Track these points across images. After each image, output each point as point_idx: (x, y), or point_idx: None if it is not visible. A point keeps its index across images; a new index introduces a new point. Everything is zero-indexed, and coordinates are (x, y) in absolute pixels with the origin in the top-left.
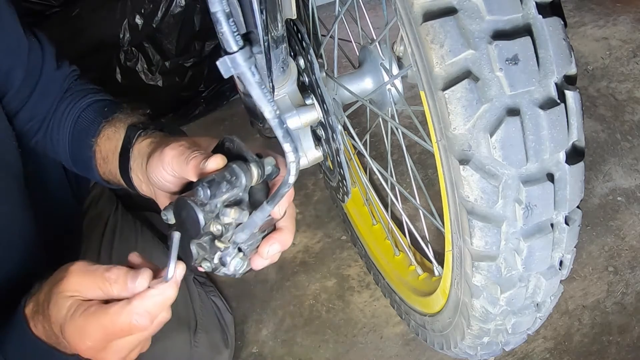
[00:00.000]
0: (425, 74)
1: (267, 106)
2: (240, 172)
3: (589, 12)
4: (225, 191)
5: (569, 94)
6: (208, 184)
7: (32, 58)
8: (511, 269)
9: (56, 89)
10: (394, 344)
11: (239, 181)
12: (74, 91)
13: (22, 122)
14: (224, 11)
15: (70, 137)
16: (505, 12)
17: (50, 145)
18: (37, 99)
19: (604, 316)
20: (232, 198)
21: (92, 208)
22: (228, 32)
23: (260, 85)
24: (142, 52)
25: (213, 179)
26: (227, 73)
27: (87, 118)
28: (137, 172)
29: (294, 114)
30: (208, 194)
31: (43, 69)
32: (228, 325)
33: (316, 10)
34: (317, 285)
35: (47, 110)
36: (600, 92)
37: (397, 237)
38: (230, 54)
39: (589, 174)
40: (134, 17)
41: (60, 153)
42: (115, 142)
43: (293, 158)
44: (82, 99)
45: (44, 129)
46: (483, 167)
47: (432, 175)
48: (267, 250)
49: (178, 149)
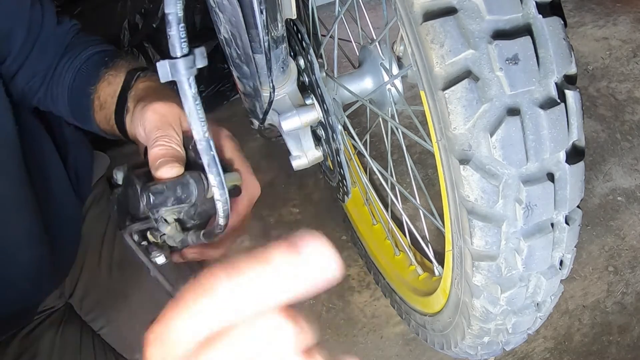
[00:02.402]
0: (425, 73)
1: (197, 124)
2: (194, 189)
3: (589, 12)
4: (170, 206)
5: (569, 94)
6: (154, 195)
7: (33, 17)
8: (511, 269)
9: (57, 44)
10: (394, 344)
11: (188, 199)
12: (75, 44)
13: (23, 81)
14: (177, 14)
15: (71, 88)
16: (505, 11)
17: (51, 100)
18: (37, 56)
19: (604, 316)
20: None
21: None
22: (176, 37)
23: (195, 100)
24: (142, 52)
25: (162, 190)
26: (164, 77)
27: (88, 68)
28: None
29: (294, 114)
30: (152, 203)
31: (43, 24)
32: None
33: (316, 10)
34: None
35: (48, 66)
36: (600, 92)
37: (397, 237)
38: (173, 59)
39: (589, 174)
40: (134, 17)
41: (60, 106)
42: (115, 86)
43: (218, 196)
44: (84, 51)
45: (45, 85)
46: (483, 167)
47: (432, 175)
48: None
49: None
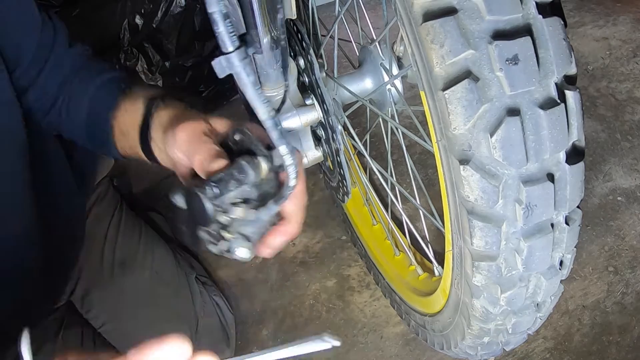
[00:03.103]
0: (425, 74)
1: (262, 107)
2: (249, 169)
3: (589, 12)
4: (233, 189)
5: (569, 94)
6: (216, 183)
7: (44, 35)
8: (511, 269)
9: (67, 67)
10: (394, 344)
11: (247, 178)
12: (88, 68)
13: (32, 100)
14: (221, 12)
15: (86, 114)
16: (505, 12)
17: (65, 123)
18: (48, 76)
19: (604, 316)
20: (240, 195)
21: (96, 206)
22: (224, 33)
23: (255, 86)
24: (142, 52)
25: (221, 177)
26: (222, 73)
27: (104, 94)
28: (157, 142)
29: (294, 114)
30: (217, 192)
31: (54, 46)
32: (229, 324)
33: (316, 10)
34: (317, 285)
35: (58, 88)
36: (600, 92)
37: (397, 237)
38: (226, 54)
39: (589, 174)
40: (134, 17)
41: (75, 130)
42: (135, 115)
43: (290, 160)
44: (98, 76)
45: (57, 107)
46: (483, 167)
47: (432, 175)
48: (273, 241)
49: (188, 130)
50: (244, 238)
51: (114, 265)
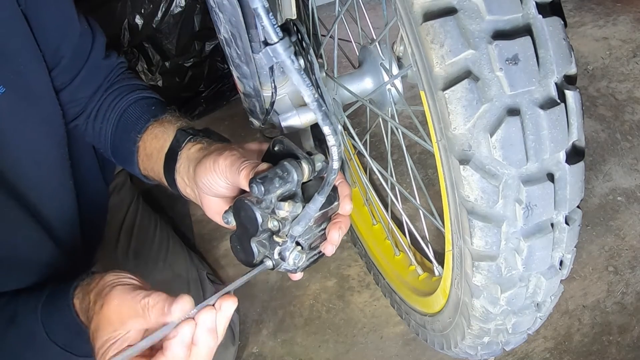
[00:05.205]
0: (425, 74)
1: (307, 90)
2: (291, 167)
3: (589, 12)
4: (278, 186)
5: (569, 94)
6: (261, 180)
7: (82, 42)
8: (511, 269)
9: (101, 77)
10: (394, 344)
11: (290, 176)
12: (122, 84)
13: (62, 102)
14: (264, 6)
15: (114, 129)
16: (505, 12)
17: (92, 132)
18: (81, 83)
19: (604, 316)
20: (286, 193)
21: (114, 195)
22: (269, 25)
23: (300, 72)
24: (142, 52)
25: (266, 175)
26: (269, 62)
27: (134, 112)
28: (183, 175)
29: (294, 114)
30: (262, 190)
31: (91, 55)
32: (235, 322)
33: (316, 10)
34: (317, 285)
35: (90, 96)
36: (600, 92)
37: (397, 237)
38: (272, 44)
39: (589, 174)
40: (134, 17)
41: (101, 142)
42: (163, 141)
43: (333, 141)
44: (131, 93)
45: (86, 115)
46: (483, 167)
47: (432, 175)
48: (333, 236)
49: (231, 158)
50: (294, 242)
51: (129, 253)
